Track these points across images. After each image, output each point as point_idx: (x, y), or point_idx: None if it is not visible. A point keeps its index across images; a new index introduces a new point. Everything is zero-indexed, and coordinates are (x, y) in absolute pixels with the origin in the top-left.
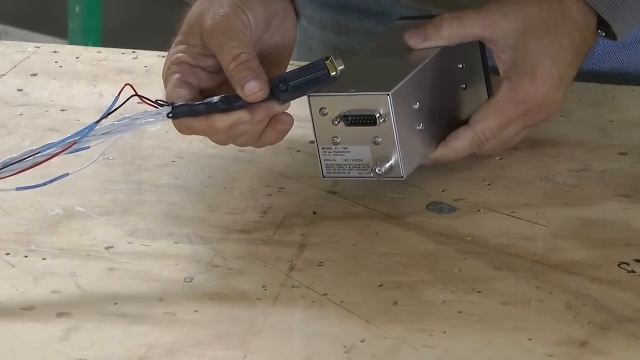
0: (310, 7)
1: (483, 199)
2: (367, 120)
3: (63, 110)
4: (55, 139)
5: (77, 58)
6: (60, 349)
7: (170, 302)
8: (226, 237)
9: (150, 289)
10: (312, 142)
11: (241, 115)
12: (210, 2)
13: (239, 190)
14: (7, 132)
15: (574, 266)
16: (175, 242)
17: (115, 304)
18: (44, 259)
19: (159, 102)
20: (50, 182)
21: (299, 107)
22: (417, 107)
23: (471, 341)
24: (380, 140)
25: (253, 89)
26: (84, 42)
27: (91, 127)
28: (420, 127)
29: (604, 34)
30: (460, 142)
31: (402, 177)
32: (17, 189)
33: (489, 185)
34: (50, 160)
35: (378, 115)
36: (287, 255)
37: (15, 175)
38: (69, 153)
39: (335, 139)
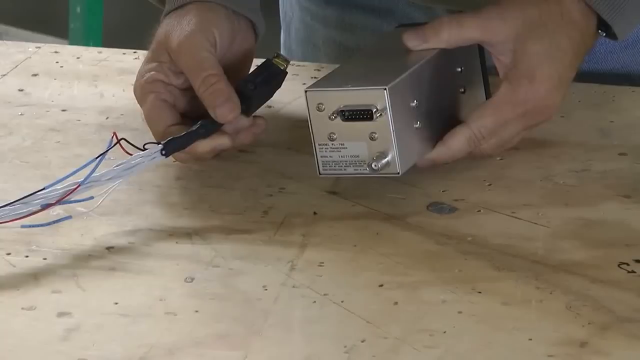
0: (315, 3)
1: (483, 199)
2: (364, 114)
3: (64, 110)
4: (56, 139)
5: (78, 58)
6: (60, 349)
7: (170, 302)
8: (227, 237)
9: (151, 288)
10: None
11: (222, 141)
12: (178, 19)
13: (239, 190)
14: (8, 132)
15: (574, 266)
16: (176, 242)
17: (116, 303)
18: (45, 259)
19: (146, 145)
20: (54, 222)
21: (299, 107)
22: (414, 104)
23: (471, 341)
24: (376, 135)
25: (225, 112)
26: (85, 42)
27: (94, 161)
28: (417, 125)
29: (604, 34)
30: (456, 140)
31: (398, 173)
32: (23, 226)
33: (489, 185)
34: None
35: (375, 109)
36: (288, 255)
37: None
38: (72, 202)
39: (331, 134)
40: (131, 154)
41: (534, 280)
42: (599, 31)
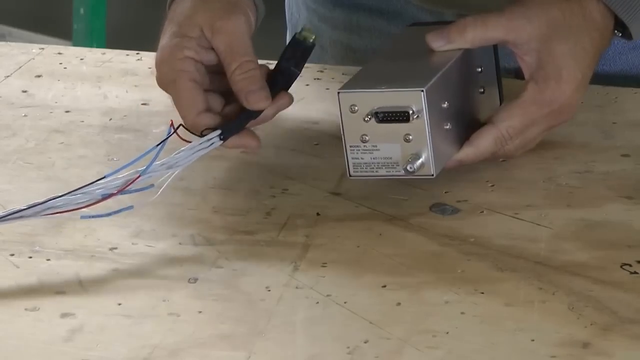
0: (322, 5)
1: (486, 200)
2: (400, 116)
3: (67, 112)
4: (60, 140)
5: (81, 59)
6: (64, 349)
7: (173, 303)
8: (230, 238)
9: (154, 289)
10: (317, 144)
11: (252, 143)
12: None
13: (242, 191)
14: (12, 133)
15: (576, 267)
16: (179, 243)
17: (119, 304)
18: (48, 260)
19: (203, 133)
20: (115, 212)
21: (303, 108)
22: (445, 105)
23: (474, 342)
24: (411, 137)
25: (257, 99)
26: (88, 43)
27: (154, 150)
28: (447, 127)
29: (620, 34)
30: (484, 140)
31: (432, 175)
32: (82, 217)
33: (492, 186)
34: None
35: (411, 111)
36: (291, 256)
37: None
38: (132, 191)
39: (364, 136)
40: (189, 141)
41: (536, 281)
42: (615, 31)
